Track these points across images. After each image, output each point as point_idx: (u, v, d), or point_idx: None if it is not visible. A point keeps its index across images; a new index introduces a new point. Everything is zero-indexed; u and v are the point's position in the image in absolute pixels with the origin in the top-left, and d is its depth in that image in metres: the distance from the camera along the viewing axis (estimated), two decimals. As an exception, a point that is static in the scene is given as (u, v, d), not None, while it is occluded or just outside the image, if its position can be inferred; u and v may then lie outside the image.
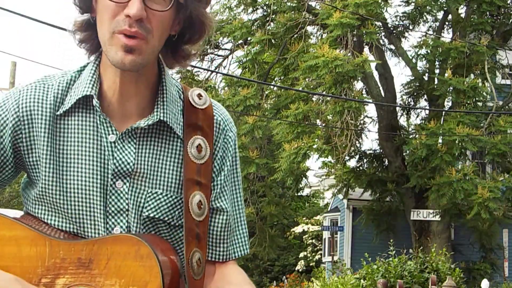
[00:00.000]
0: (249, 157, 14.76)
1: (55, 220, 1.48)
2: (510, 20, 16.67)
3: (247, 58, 15.47)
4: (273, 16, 15.50)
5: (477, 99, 15.00)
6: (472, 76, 15.51)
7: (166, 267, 1.40)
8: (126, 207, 1.47)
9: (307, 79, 15.10)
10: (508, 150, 14.10)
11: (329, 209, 25.71)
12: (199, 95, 1.56)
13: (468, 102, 14.88)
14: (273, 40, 15.59)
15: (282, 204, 17.85)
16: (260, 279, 27.86)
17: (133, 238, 1.41)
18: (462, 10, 16.30)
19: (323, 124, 15.63)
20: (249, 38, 15.56)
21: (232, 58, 16.85)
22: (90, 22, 1.48)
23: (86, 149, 1.46)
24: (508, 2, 15.87)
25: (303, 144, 13.81)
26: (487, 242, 16.76)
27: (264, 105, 16.44)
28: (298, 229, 27.47)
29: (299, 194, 29.47)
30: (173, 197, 1.49)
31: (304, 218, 28.72)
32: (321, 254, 25.92)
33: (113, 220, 1.47)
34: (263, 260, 26.11)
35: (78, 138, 1.47)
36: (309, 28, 15.96)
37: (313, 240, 27.14)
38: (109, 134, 1.46)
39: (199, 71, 17.42)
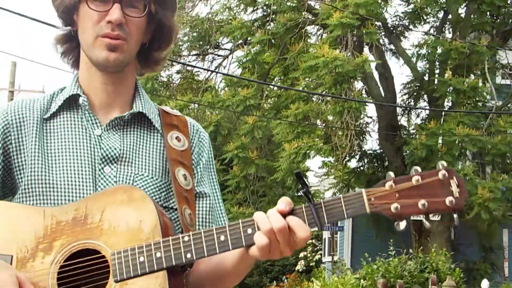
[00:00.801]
0: (248, 158, 14.75)
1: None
2: (510, 20, 16.65)
3: (247, 58, 15.46)
4: (273, 16, 15.50)
5: (477, 99, 14.99)
6: (472, 76, 15.50)
7: (158, 206, 1.50)
8: None
9: (307, 79, 15.09)
10: (508, 151, 14.09)
11: (329, 209, 25.66)
12: (171, 108, 1.78)
13: (468, 102, 14.86)
14: (273, 40, 15.59)
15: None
16: (260, 279, 27.84)
17: (125, 186, 1.54)
18: (462, 10, 16.29)
19: (323, 124, 15.63)
20: (249, 38, 15.55)
21: (232, 58, 16.86)
22: (71, 35, 1.67)
23: (74, 143, 1.61)
24: (508, 2, 15.85)
25: (303, 144, 13.80)
26: (487, 242, 16.75)
27: (264, 105, 16.44)
28: (298, 229, 27.44)
29: (299, 194, 29.45)
30: (158, 179, 1.63)
31: (304, 218, 28.68)
32: (321, 254, 25.90)
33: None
34: (263, 260, 26.10)
35: (66, 135, 1.62)
36: (309, 28, 15.96)
37: (313, 240, 27.11)
38: (95, 129, 1.62)
39: (199, 71, 17.43)
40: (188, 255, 1.43)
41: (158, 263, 1.42)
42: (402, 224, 1.43)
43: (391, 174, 1.42)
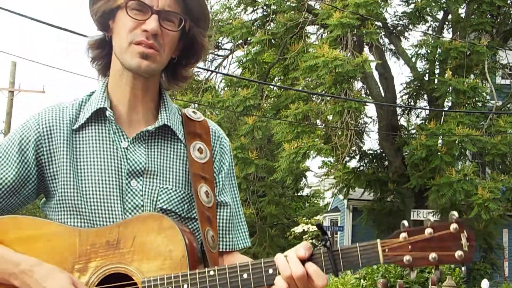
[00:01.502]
0: (248, 158, 14.75)
1: (75, 223, 1.64)
2: (510, 20, 16.65)
3: (247, 58, 15.46)
4: (273, 16, 15.49)
5: (477, 99, 14.98)
6: (472, 76, 15.49)
7: (186, 235, 1.58)
8: (142, 203, 1.65)
9: (307, 79, 15.08)
10: (508, 151, 14.08)
11: (329, 209, 25.71)
12: (194, 111, 1.82)
13: (468, 102, 14.86)
14: (273, 40, 15.58)
15: (283, 204, 17.84)
16: (260, 279, 27.86)
17: (155, 214, 1.60)
18: (462, 10, 16.28)
19: (323, 124, 15.62)
20: (249, 38, 15.55)
21: (232, 58, 16.85)
22: (104, 40, 1.72)
23: (102, 156, 1.66)
24: (508, 2, 15.85)
25: (303, 144, 13.80)
26: (487, 242, 16.75)
27: (264, 105, 16.43)
28: (298, 229, 27.47)
29: (299, 194, 29.45)
30: (182, 191, 1.69)
31: (304, 218, 28.71)
32: (321, 254, 25.90)
33: (130, 216, 1.64)
34: None
35: (94, 147, 1.67)
36: (309, 28, 15.96)
37: (313, 240, 27.12)
38: (121, 142, 1.67)
39: (199, 71, 17.41)
40: None
41: None
42: (413, 275, 1.50)
43: (405, 223, 1.49)
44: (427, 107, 16.47)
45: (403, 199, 16.64)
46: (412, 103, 17.54)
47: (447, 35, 16.84)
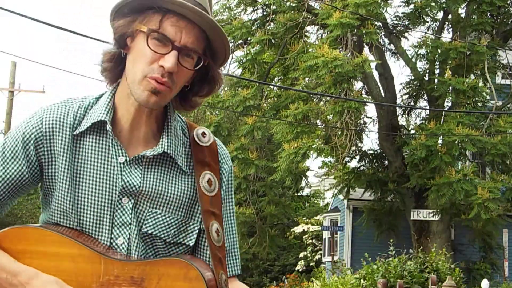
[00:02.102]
0: (248, 159, 14.75)
1: (70, 226, 1.64)
2: (510, 20, 16.66)
3: (247, 58, 15.47)
4: (273, 16, 15.50)
5: (477, 99, 14.98)
6: (472, 76, 15.50)
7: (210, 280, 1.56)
8: (130, 221, 1.63)
9: (306, 79, 15.09)
10: (508, 151, 14.09)
11: (329, 209, 25.70)
12: (203, 134, 1.75)
13: (468, 102, 14.86)
14: (273, 40, 15.59)
15: (283, 203, 17.84)
16: (260, 279, 27.85)
17: (183, 261, 1.56)
18: (462, 10, 16.29)
19: (323, 124, 15.63)
20: (249, 38, 15.55)
21: (232, 58, 16.85)
22: (119, 56, 1.67)
23: (98, 168, 1.64)
24: (508, 2, 15.86)
25: (302, 144, 13.81)
26: (487, 242, 16.76)
27: (264, 105, 16.43)
28: (298, 229, 27.46)
29: (299, 194, 29.46)
30: (171, 217, 1.66)
31: (304, 218, 28.70)
32: (321, 254, 25.91)
33: (117, 231, 1.63)
34: (263, 260, 26.11)
35: (92, 158, 1.65)
36: (309, 28, 15.96)
37: (313, 240, 27.12)
38: (119, 156, 1.65)
39: (199, 71, 17.40)
40: None
41: None
42: None
43: None
44: (427, 107, 16.48)
45: (403, 199, 16.65)
46: (412, 103, 17.55)
47: (447, 35, 16.86)
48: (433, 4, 15.36)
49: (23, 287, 1.52)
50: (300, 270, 26.25)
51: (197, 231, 1.69)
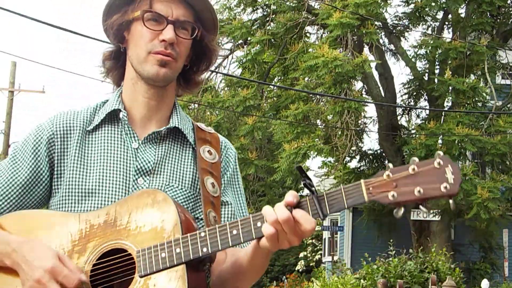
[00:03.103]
0: (248, 159, 14.75)
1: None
2: (510, 20, 16.65)
3: (247, 58, 15.46)
4: (273, 16, 15.49)
5: (476, 99, 14.98)
6: (472, 76, 15.49)
7: (180, 207, 1.63)
8: None
9: (306, 79, 15.08)
10: (507, 151, 14.09)
11: (329, 209, 25.65)
12: (205, 125, 1.90)
13: (468, 102, 14.86)
14: (273, 40, 15.58)
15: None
16: (260, 279, 27.79)
17: (149, 190, 1.66)
18: (462, 10, 16.29)
19: (323, 124, 15.62)
20: (249, 38, 15.55)
21: (232, 58, 16.85)
22: (119, 51, 1.80)
23: (111, 155, 1.73)
24: (508, 2, 15.86)
25: (303, 144, 13.80)
26: (487, 242, 16.76)
27: (264, 105, 16.43)
28: (298, 229, 27.44)
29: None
30: (187, 191, 1.75)
31: (304, 218, 28.67)
32: (321, 254, 25.92)
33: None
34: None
35: (105, 146, 1.74)
36: (309, 28, 15.95)
37: (313, 240, 27.13)
38: (132, 142, 1.75)
39: (199, 71, 17.40)
40: (204, 249, 1.55)
41: (178, 258, 1.56)
42: (400, 211, 1.47)
43: (390, 165, 1.48)
44: (427, 107, 16.48)
45: (403, 199, 16.62)
46: (412, 103, 17.55)
47: (447, 35, 16.85)
48: (433, 4, 15.35)
49: (15, 253, 1.60)
50: (300, 270, 26.25)
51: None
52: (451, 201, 1.47)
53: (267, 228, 1.50)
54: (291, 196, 1.52)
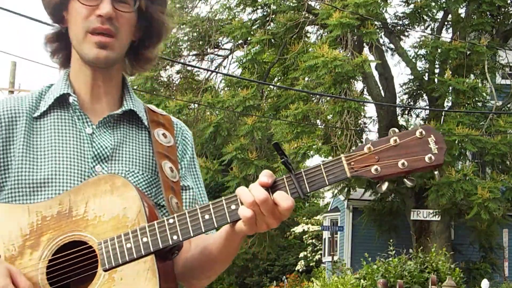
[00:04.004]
0: (248, 159, 14.74)
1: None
2: (510, 20, 16.65)
3: (247, 58, 15.46)
4: (273, 16, 15.49)
5: (476, 99, 14.98)
6: (472, 76, 15.49)
7: (140, 192, 1.51)
8: None
9: (306, 79, 15.08)
10: (508, 151, 14.08)
11: (329, 209, 25.70)
12: (156, 107, 1.78)
13: (468, 102, 14.86)
14: (273, 40, 15.58)
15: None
16: (260, 279, 27.84)
17: (106, 175, 1.53)
18: (462, 10, 16.29)
19: (323, 124, 15.62)
20: (249, 38, 15.54)
21: (232, 58, 16.86)
22: (61, 32, 1.67)
23: (64, 141, 1.60)
24: (508, 2, 15.85)
25: (302, 144, 13.80)
26: (487, 242, 16.75)
27: (264, 105, 16.43)
28: (298, 229, 27.46)
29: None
30: (149, 176, 1.64)
31: (304, 218, 28.70)
32: (321, 254, 25.91)
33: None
34: (263, 260, 26.08)
35: (56, 133, 1.61)
36: (309, 28, 15.96)
37: (313, 240, 27.12)
38: (86, 128, 1.62)
39: (199, 71, 17.43)
40: (175, 237, 1.44)
41: (145, 247, 1.43)
42: (384, 186, 1.42)
43: (369, 138, 1.43)
44: (427, 107, 16.47)
45: (403, 199, 16.65)
46: (412, 103, 17.55)
47: (447, 35, 16.85)
48: (433, 4, 15.35)
49: None
50: (300, 270, 26.25)
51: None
52: (436, 172, 1.43)
53: (244, 210, 1.40)
54: (265, 176, 1.43)
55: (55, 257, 1.47)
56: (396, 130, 1.42)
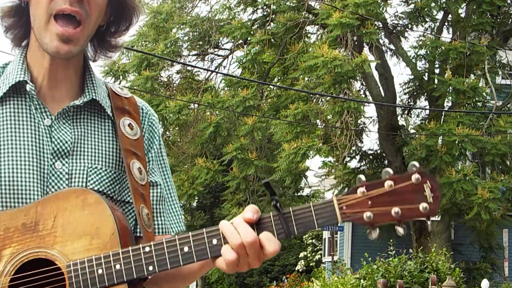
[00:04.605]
0: (248, 159, 14.74)
1: None
2: (510, 20, 16.65)
3: (247, 58, 15.46)
4: (273, 16, 15.49)
5: (477, 99, 14.99)
6: (472, 76, 15.50)
7: (115, 211, 1.40)
8: (67, 187, 1.45)
9: (306, 79, 15.09)
10: (508, 151, 14.08)
11: (329, 209, 25.67)
12: (121, 88, 1.63)
13: (468, 102, 14.87)
14: (273, 40, 15.58)
15: (282, 203, 17.80)
16: (260, 279, 27.84)
17: (77, 189, 1.41)
18: (462, 10, 16.29)
19: (323, 124, 15.63)
20: (249, 38, 15.55)
21: (232, 58, 16.86)
22: (20, 7, 1.48)
23: (21, 134, 1.45)
24: (508, 2, 15.85)
25: (302, 144, 13.80)
26: (487, 242, 16.75)
27: (264, 105, 16.43)
28: (298, 229, 27.46)
29: (299, 194, 29.45)
30: (113, 172, 1.51)
31: (304, 218, 28.69)
32: (321, 254, 25.91)
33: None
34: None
35: (13, 124, 1.45)
36: (309, 28, 15.95)
37: (313, 240, 27.12)
38: (44, 119, 1.47)
39: (199, 71, 17.43)
40: (150, 268, 1.35)
41: (118, 276, 1.34)
42: (375, 233, 1.36)
43: (362, 178, 1.36)
44: (427, 107, 16.47)
45: (403, 199, 16.62)
46: (412, 103, 17.55)
47: (447, 35, 16.86)
48: (433, 4, 15.35)
49: None
50: (300, 270, 26.25)
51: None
52: (429, 222, 1.38)
53: (228, 253, 1.32)
54: (251, 212, 1.34)
55: (18, 276, 1.35)
56: (391, 171, 1.34)
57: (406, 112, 17.65)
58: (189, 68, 17.44)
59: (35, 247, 1.35)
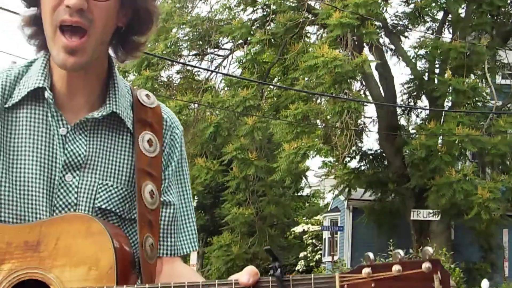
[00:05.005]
0: (248, 159, 14.74)
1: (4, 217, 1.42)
2: (510, 20, 16.65)
3: (247, 58, 15.46)
4: (273, 16, 15.49)
5: (477, 99, 14.98)
6: (472, 76, 15.49)
7: (118, 239, 1.38)
8: (75, 201, 1.44)
9: (306, 79, 15.09)
10: (508, 151, 14.08)
11: (329, 209, 25.70)
12: (147, 95, 1.59)
13: (468, 102, 14.86)
14: (273, 40, 15.58)
15: (282, 203, 17.83)
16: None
17: (84, 216, 1.39)
18: (462, 10, 16.29)
19: (323, 124, 15.63)
20: (249, 38, 15.54)
21: (232, 58, 16.85)
22: (38, 16, 1.46)
23: (35, 142, 1.43)
24: (508, 2, 15.85)
25: (302, 144, 13.80)
26: (487, 242, 16.75)
27: (264, 105, 16.43)
28: (298, 229, 27.45)
29: (299, 194, 29.45)
30: (124, 189, 1.48)
31: (304, 218, 28.69)
32: (321, 254, 25.89)
33: (60, 214, 1.43)
34: (263, 260, 26.09)
35: (28, 131, 1.44)
36: (309, 28, 15.96)
37: (313, 240, 27.10)
38: (60, 127, 1.44)
39: (199, 71, 17.42)
40: None
41: None
42: None
43: (371, 256, 1.29)
44: (427, 107, 16.47)
45: (403, 199, 16.64)
46: (412, 103, 17.54)
47: (447, 35, 16.85)
48: (433, 4, 15.35)
49: None
50: (300, 270, 26.23)
51: None
52: None
53: None
54: (247, 276, 1.28)
55: None
56: (402, 253, 1.27)
57: (406, 112, 17.65)
58: (189, 68, 17.44)
59: (34, 267, 1.34)
